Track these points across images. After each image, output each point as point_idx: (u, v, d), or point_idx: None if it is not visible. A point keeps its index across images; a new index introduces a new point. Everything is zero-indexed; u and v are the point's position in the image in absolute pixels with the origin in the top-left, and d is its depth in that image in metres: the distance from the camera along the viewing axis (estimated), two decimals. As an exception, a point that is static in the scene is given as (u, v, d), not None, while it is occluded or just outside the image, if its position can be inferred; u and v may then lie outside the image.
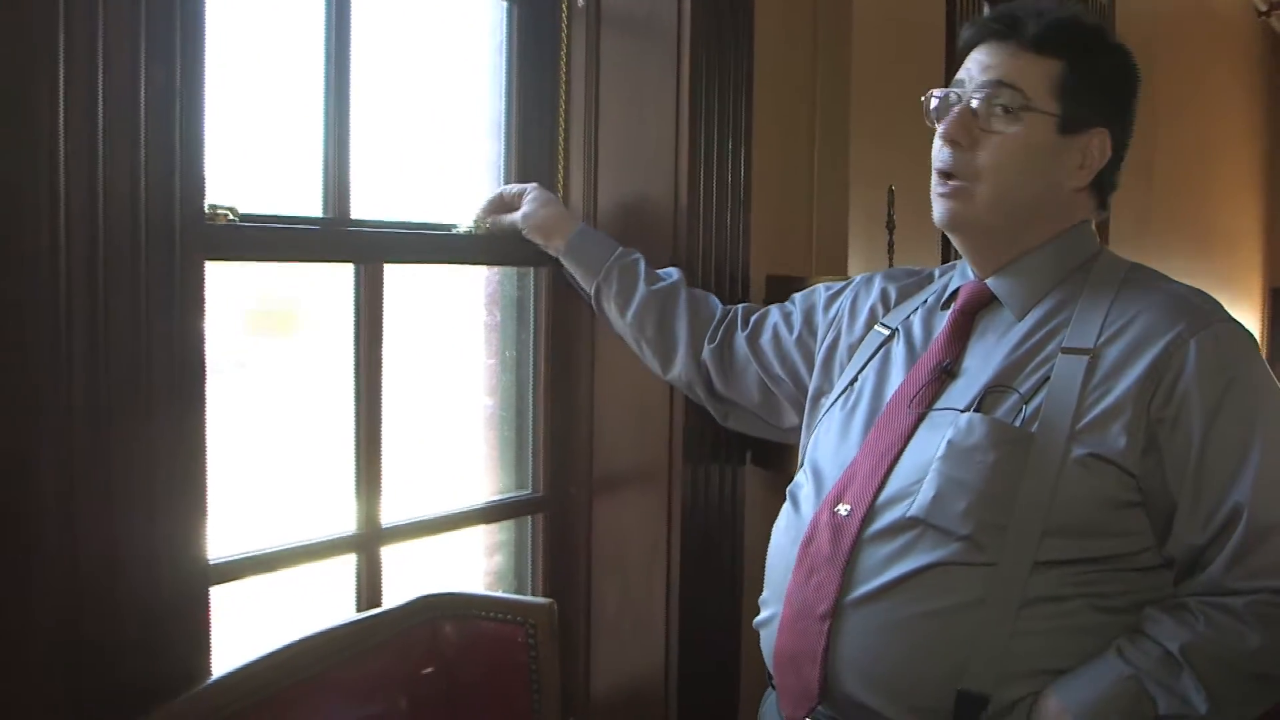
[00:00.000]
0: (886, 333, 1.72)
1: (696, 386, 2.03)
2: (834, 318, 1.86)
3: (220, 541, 1.61)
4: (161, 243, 1.35)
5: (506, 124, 2.26)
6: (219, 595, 1.63)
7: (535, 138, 2.26)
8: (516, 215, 2.07)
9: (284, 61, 1.89)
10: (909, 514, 1.48)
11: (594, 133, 2.26)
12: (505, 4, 2.25)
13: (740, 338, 1.98)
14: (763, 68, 2.34)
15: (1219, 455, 1.42)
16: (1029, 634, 1.43)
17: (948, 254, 2.76)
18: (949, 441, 1.48)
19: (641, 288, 2.01)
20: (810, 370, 1.86)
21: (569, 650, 2.25)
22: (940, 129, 1.58)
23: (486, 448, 2.32)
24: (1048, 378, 1.49)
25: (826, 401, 1.74)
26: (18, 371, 1.27)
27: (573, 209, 2.25)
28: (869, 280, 1.86)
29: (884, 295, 1.81)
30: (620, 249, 2.06)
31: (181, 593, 1.42)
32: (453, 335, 2.28)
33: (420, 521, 2.07)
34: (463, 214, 2.12)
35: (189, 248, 1.39)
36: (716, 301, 2.05)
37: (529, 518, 2.30)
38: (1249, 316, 6.23)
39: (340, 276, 1.93)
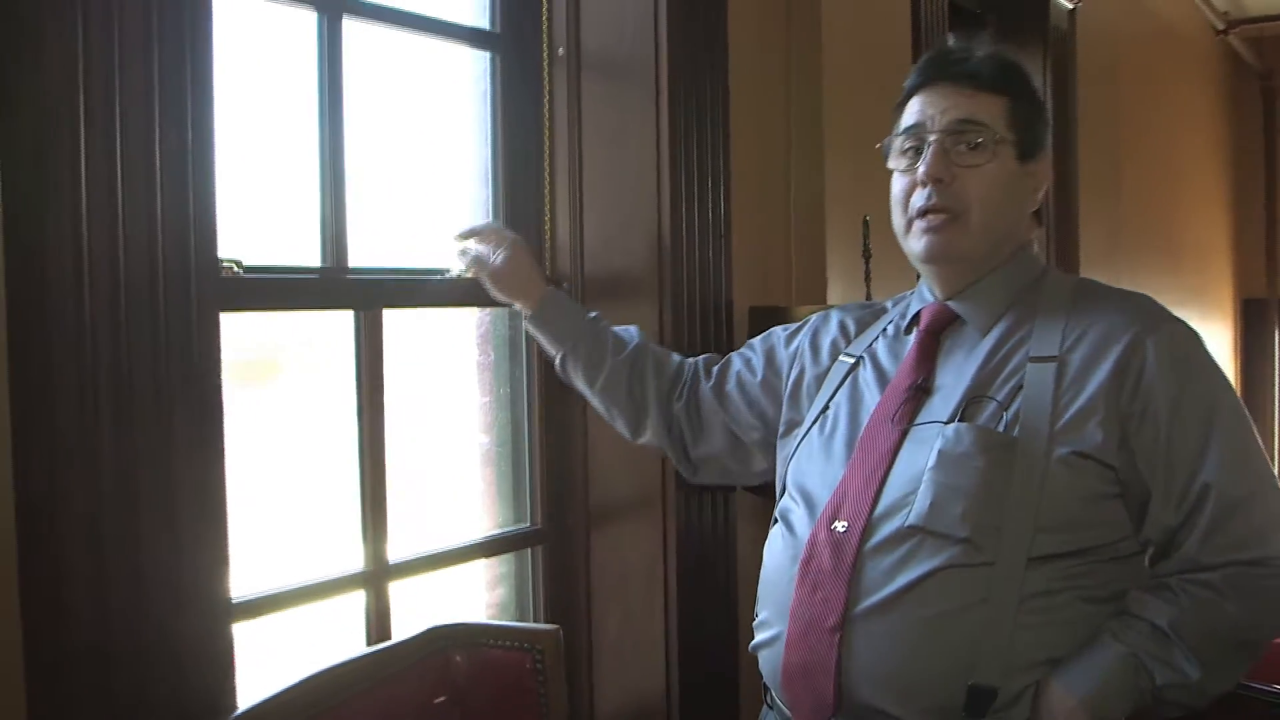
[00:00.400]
0: (851, 361, 1.80)
1: (668, 449, 2.05)
2: (795, 352, 1.92)
3: (237, 580, 1.67)
4: (179, 296, 1.42)
5: (494, 169, 2.35)
6: (241, 631, 1.70)
7: (522, 181, 2.34)
8: (486, 263, 2.03)
9: (280, 118, 1.97)
10: (908, 523, 1.55)
11: (578, 174, 2.35)
12: (488, 54, 2.33)
13: (706, 390, 2.00)
14: (738, 106, 2.44)
15: (1184, 440, 1.53)
16: (1028, 627, 1.51)
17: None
18: (940, 451, 1.56)
19: (609, 360, 2.00)
20: (778, 412, 1.90)
21: (573, 675, 2.31)
22: (921, 170, 1.65)
23: (485, 484, 2.39)
24: (1021, 385, 1.58)
25: (800, 430, 1.80)
26: (46, 420, 1.33)
27: (559, 249, 2.34)
28: (825, 316, 1.94)
29: (843, 328, 1.88)
30: (586, 318, 2.05)
31: (206, 629, 1.48)
32: (448, 375, 2.35)
33: (425, 557, 2.13)
34: (453, 259, 2.20)
35: (205, 300, 1.46)
36: (677, 357, 2.06)
37: (529, 550, 2.37)
38: (1222, 327, 6.35)
39: (339, 322, 2.00)
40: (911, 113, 1.69)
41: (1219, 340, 6.31)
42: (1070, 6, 4.12)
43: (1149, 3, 4.99)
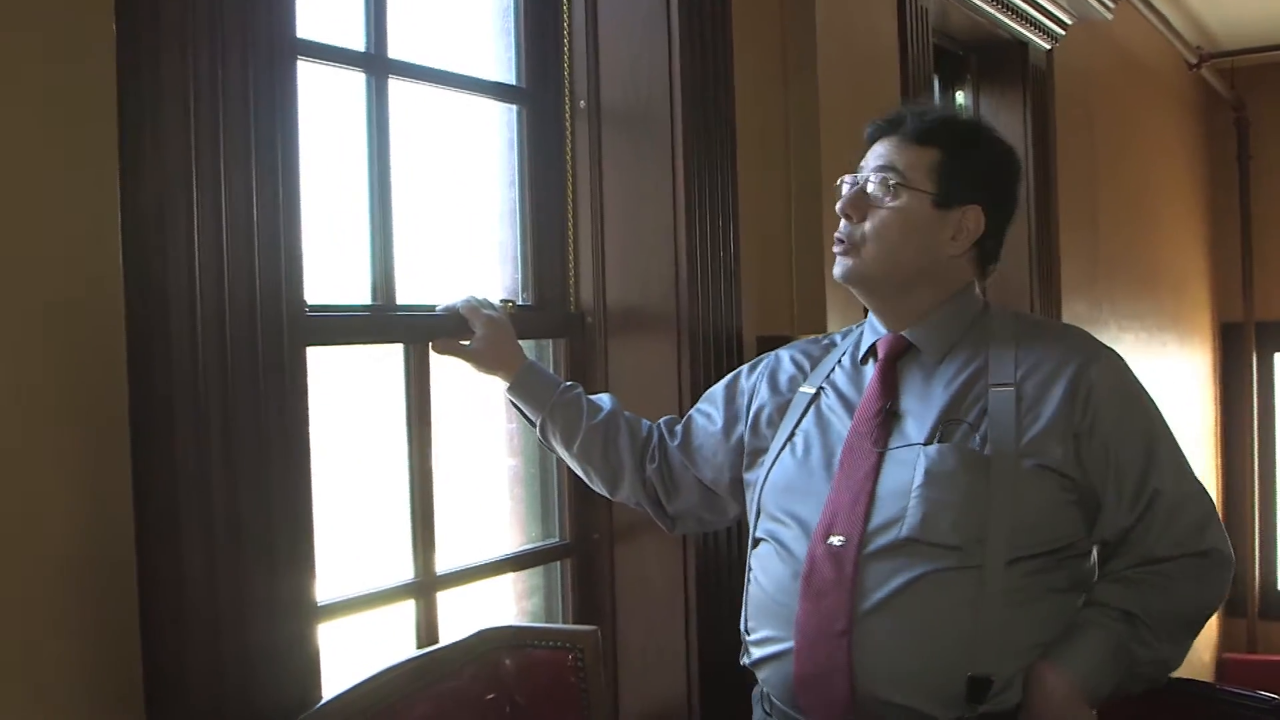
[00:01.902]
0: (812, 391, 1.99)
1: (645, 505, 2.19)
2: (754, 388, 2.09)
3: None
4: (274, 334, 1.62)
5: (521, 212, 2.54)
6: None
7: (546, 223, 2.54)
8: (466, 345, 2.14)
9: (334, 166, 2.16)
10: (902, 535, 1.75)
11: (599, 216, 2.55)
12: (515, 107, 2.54)
13: (673, 449, 2.14)
14: (744, 150, 2.64)
15: (1131, 453, 1.79)
16: (1011, 620, 1.73)
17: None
18: (927, 470, 1.77)
19: (583, 423, 2.13)
20: (742, 456, 2.07)
21: (600, 681, 2.50)
22: (838, 205, 1.91)
23: (515, 502, 2.58)
24: (986, 409, 1.81)
25: (768, 457, 1.97)
26: (166, 452, 1.52)
27: (582, 286, 2.53)
28: (778, 356, 2.12)
29: (797, 363, 2.07)
30: (561, 385, 2.17)
31: (298, 631, 1.67)
32: (481, 403, 2.53)
33: (467, 569, 2.32)
34: (492, 294, 2.39)
35: (294, 337, 1.66)
36: (646, 423, 2.20)
37: (557, 563, 2.56)
38: (1200, 352, 6.54)
39: (391, 354, 2.20)
40: (863, 160, 1.94)
41: (1198, 363, 6.51)
42: (1047, 47, 4.33)
43: (1123, 40, 5.20)
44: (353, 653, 2.09)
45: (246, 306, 1.59)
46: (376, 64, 2.17)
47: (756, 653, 1.88)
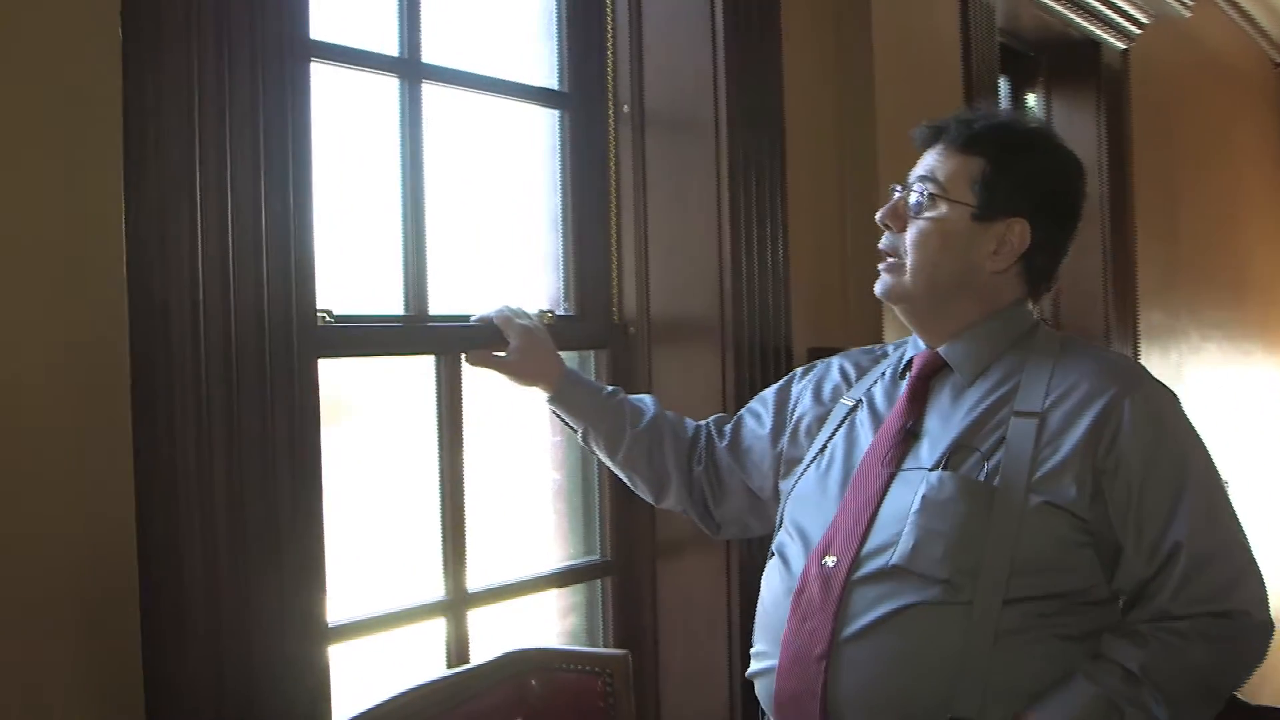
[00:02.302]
0: (851, 404, 1.90)
1: (691, 511, 2.12)
2: (800, 394, 2.02)
3: (334, 606, 1.81)
4: (281, 344, 1.57)
5: (564, 219, 2.48)
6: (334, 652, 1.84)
7: (590, 230, 2.48)
8: (502, 356, 2.07)
9: (366, 177, 2.12)
10: (892, 562, 1.66)
11: (643, 224, 2.48)
12: (558, 112, 2.48)
13: (721, 450, 2.08)
14: (794, 155, 2.56)
15: (1156, 499, 1.64)
16: (1005, 664, 1.62)
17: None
18: (923, 497, 1.68)
19: (627, 431, 2.07)
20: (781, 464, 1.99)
21: (641, 701, 2.42)
22: (877, 215, 1.83)
23: (557, 517, 2.52)
24: (1004, 438, 1.69)
25: (799, 469, 1.91)
26: (167, 464, 1.48)
27: (625, 295, 2.47)
28: (828, 364, 2.04)
29: (844, 373, 1.99)
30: (603, 392, 2.11)
31: (306, 651, 1.62)
32: (524, 415, 2.48)
33: (501, 587, 2.26)
34: (529, 304, 2.33)
35: (305, 348, 1.61)
36: (691, 423, 2.14)
37: (598, 580, 2.49)
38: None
39: (422, 366, 2.15)
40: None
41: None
42: (1122, 47, 4.19)
43: (1204, 39, 5.03)
44: (382, 672, 2.05)
45: (253, 317, 1.54)
46: (409, 69, 2.13)
47: (752, 665, 1.84)
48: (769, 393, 2.10)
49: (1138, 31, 4.21)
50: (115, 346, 1.47)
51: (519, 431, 2.47)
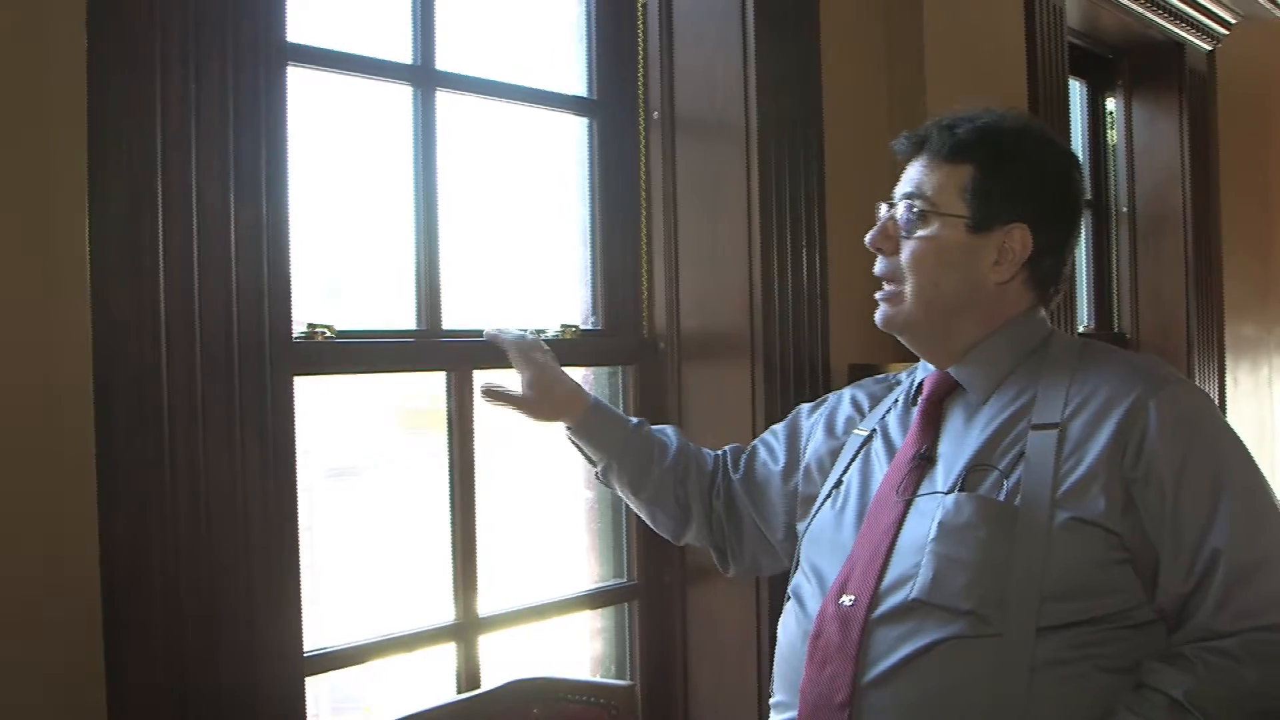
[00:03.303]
0: (865, 434, 1.77)
1: (709, 545, 1.99)
2: (811, 430, 1.90)
3: (324, 632, 1.75)
4: (252, 361, 1.51)
5: (592, 229, 2.41)
6: (333, 679, 1.79)
7: (619, 240, 2.40)
8: (517, 395, 1.92)
9: (378, 188, 2.07)
10: (911, 596, 1.53)
11: (674, 234, 2.40)
12: (586, 119, 2.41)
13: (736, 484, 1.95)
14: (837, 163, 2.46)
15: (1192, 505, 1.48)
16: (1043, 698, 1.47)
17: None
18: (939, 523, 1.54)
19: (654, 470, 1.94)
20: (796, 505, 1.86)
21: (668, 730, 2.34)
22: (866, 239, 1.70)
23: (586, 538, 2.44)
24: (1023, 453, 1.55)
25: (814, 506, 1.78)
26: (127, 482, 1.43)
27: (655, 308, 2.38)
28: (840, 396, 1.92)
29: (856, 404, 1.86)
30: (628, 426, 1.97)
31: (277, 683, 1.55)
32: (552, 434, 2.40)
33: (516, 611, 2.19)
34: (550, 319, 2.26)
35: (278, 365, 1.55)
36: (710, 453, 2.00)
37: (625, 604, 2.40)
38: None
39: (433, 382, 2.09)
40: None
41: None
42: (1207, 48, 4.00)
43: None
44: (393, 697, 1.99)
45: (222, 335, 1.49)
46: (423, 76, 2.07)
47: (771, 717, 1.71)
48: (779, 428, 1.98)
49: (1224, 32, 4.02)
50: (80, 366, 1.43)
51: (549, 452, 2.39)
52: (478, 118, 2.23)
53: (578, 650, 2.43)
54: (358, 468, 2.06)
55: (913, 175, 1.69)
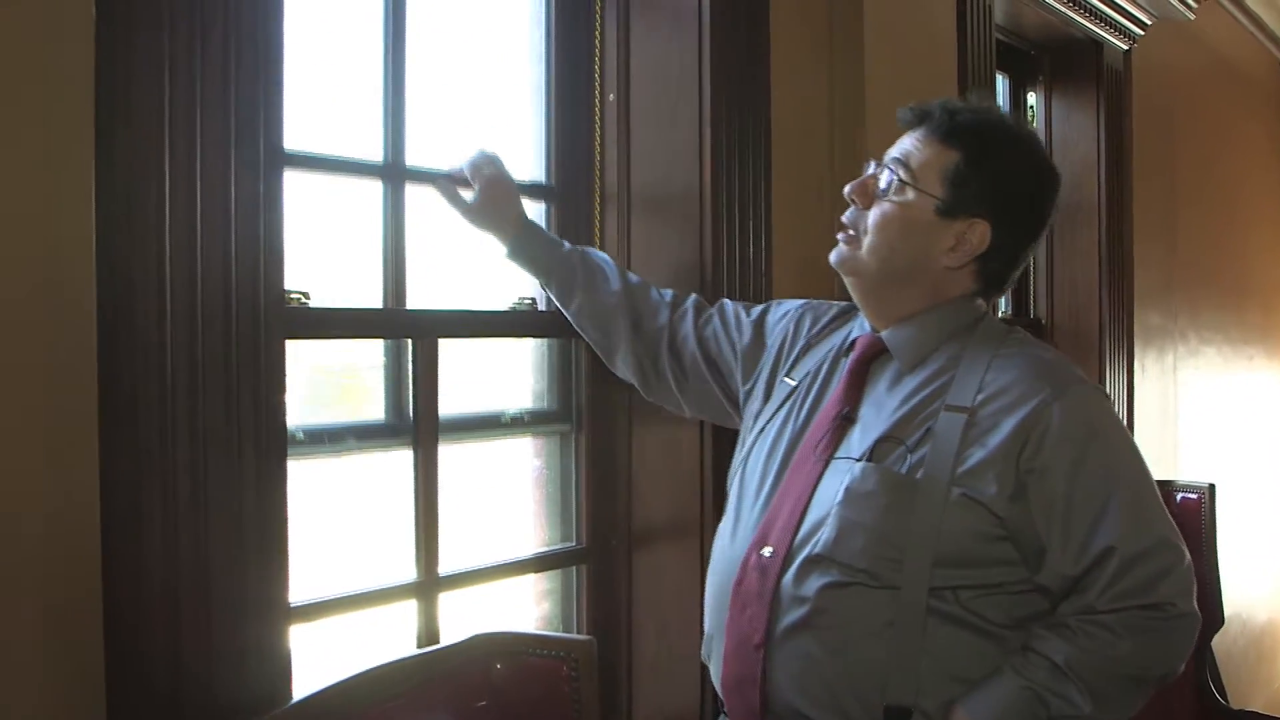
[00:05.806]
0: (794, 383, 1.93)
1: (640, 367, 2.15)
2: (777, 338, 2.05)
3: (302, 586, 1.83)
4: (249, 324, 1.58)
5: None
6: (301, 632, 1.86)
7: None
8: (460, 197, 2.08)
9: (343, 163, 2.12)
10: (815, 552, 1.71)
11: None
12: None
13: (693, 325, 2.12)
14: (782, 149, 2.56)
15: (1085, 502, 1.66)
16: (934, 651, 1.66)
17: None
18: (846, 488, 1.71)
19: (593, 293, 2.11)
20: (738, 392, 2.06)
21: (613, 688, 2.45)
22: (845, 189, 1.84)
23: (535, 504, 2.53)
24: (931, 430, 1.71)
25: (750, 436, 1.93)
26: (129, 438, 1.49)
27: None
28: (801, 314, 2.05)
29: (807, 330, 2.01)
30: (563, 247, 2.13)
31: (266, 631, 1.63)
32: (504, 404, 2.48)
33: (474, 570, 2.27)
34: (505, 295, 2.34)
35: (272, 328, 1.62)
36: (656, 301, 2.15)
37: (574, 567, 2.50)
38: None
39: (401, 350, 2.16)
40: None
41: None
42: (1124, 48, 4.17)
43: (1209, 40, 4.99)
44: (352, 653, 2.06)
45: (220, 297, 1.55)
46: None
47: (703, 647, 1.91)
48: (746, 319, 2.11)
49: (1140, 32, 4.20)
50: (84, 328, 1.48)
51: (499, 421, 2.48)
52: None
53: (527, 611, 2.52)
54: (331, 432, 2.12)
55: (905, 145, 1.82)
